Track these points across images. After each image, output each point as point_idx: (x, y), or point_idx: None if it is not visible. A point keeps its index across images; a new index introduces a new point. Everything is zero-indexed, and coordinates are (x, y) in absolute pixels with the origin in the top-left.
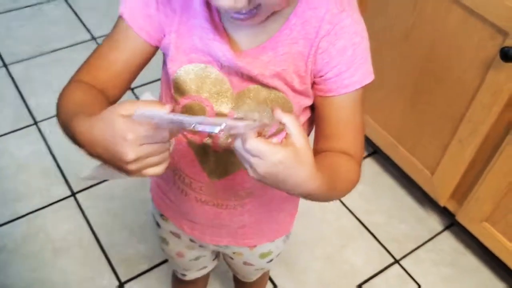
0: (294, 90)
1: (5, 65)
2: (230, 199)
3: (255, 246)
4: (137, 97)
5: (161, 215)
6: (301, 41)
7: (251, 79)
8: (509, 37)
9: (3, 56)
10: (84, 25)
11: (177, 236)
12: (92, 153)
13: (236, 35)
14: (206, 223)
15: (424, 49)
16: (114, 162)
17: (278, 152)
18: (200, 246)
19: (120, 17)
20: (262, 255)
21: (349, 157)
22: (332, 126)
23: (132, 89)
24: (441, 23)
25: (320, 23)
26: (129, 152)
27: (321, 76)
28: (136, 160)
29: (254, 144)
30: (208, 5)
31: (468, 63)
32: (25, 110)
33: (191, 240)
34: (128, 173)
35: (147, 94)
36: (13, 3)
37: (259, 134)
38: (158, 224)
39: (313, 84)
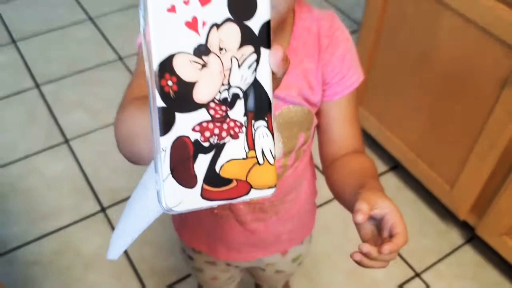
0: (311, 103)
1: (37, 86)
2: (267, 212)
3: (286, 251)
4: None
5: (193, 249)
6: (306, 59)
7: (280, 101)
8: None
9: (36, 77)
10: (111, 45)
11: (213, 263)
12: None
13: None
14: (244, 243)
15: (441, 68)
16: None
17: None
18: (236, 266)
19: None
20: (294, 259)
21: (362, 153)
22: (340, 126)
23: None
24: (457, 43)
25: (318, 40)
26: None
27: (327, 83)
28: None
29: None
30: None
31: (484, 82)
32: (56, 128)
33: (227, 264)
34: None
35: None
36: (43, 26)
37: None
38: (190, 257)
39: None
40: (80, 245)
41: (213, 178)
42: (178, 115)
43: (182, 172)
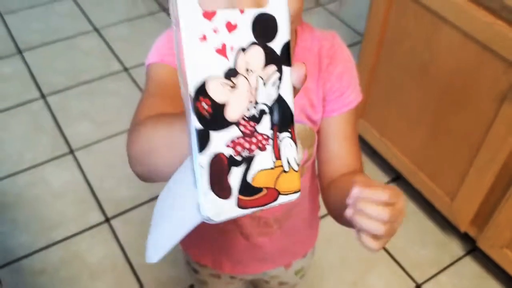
0: (312, 121)
1: (43, 96)
2: (271, 226)
3: (290, 264)
4: None
5: (198, 262)
6: (307, 79)
7: None
8: None
9: (41, 87)
10: (116, 56)
11: (217, 276)
12: None
13: None
14: (248, 256)
15: (441, 81)
16: None
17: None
18: (240, 279)
19: (154, 66)
20: (297, 272)
21: (361, 174)
22: (338, 144)
23: None
24: (456, 57)
25: (318, 59)
26: None
27: (325, 100)
28: None
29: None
30: None
31: (484, 96)
32: (62, 139)
33: (231, 277)
34: None
35: None
36: (49, 36)
37: None
38: (195, 270)
39: None
40: (85, 255)
41: (246, 188)
42: (212, 134)
43: (219, 186)
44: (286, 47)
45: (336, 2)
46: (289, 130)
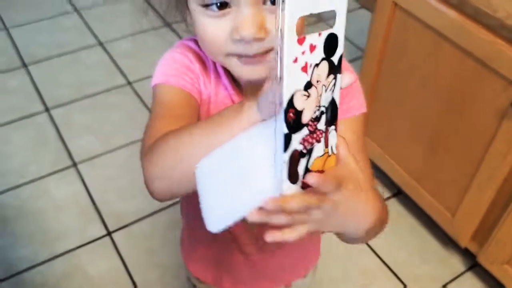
0: None
1: (47, 109)
2: (270, 244)
3: (290, 284)
4: None
5: (198, 278)
6: None
7: None
8: None
9: (46, 100)
10: (120, 70)
11: None
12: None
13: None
14: (248, 274)
15: (441, 98)
16: None
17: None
18: None
19: (160, 86)
20: None
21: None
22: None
23: None
24: (456, 73)
25: None
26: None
27: None
28: None
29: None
30: (234, 80)
31: (484, 112)
32: (65, 152)
33: None
34: None
35: None
36: (54, 50)
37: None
38: (194, 287)
39: None
40: (87, 268)
41: (307, 173)
42: (293, 136)
43: (293, 175)
44: (340, 59)
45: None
46: (335, 123)
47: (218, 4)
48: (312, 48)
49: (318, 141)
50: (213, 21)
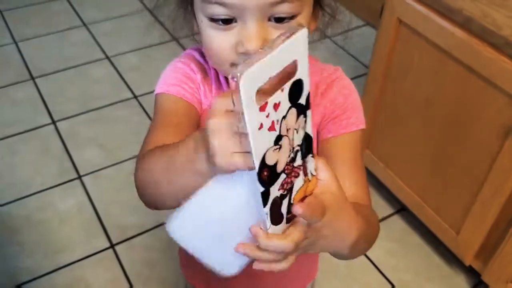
0: None
1: (53, 122)
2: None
3: None
4: None
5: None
6: None
7: None
8: None
9: (52, 113)
10: (126, 84)
11: None
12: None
13: None
14: (244, 286)
15: (445, 114)
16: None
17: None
18: None
19: (161, 96)
20: None
21: (367, 206)
22: (335, 167)
23: None
24: (460, 91)
25: (316, 86)
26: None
27: (320, 124)
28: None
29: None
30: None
31: (488, 130)
32: (70, 164)
33: None
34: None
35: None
36: (62, 63)
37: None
38: None
39: None
40: (90, 280)
41: (290, 208)
42: (270, 189)
43: (277, 219)
44: (308, 97)
45: (342, 34)
46: (311, 151)
47: (224, 20)
48: (277, 106)
49: (297, 177)
50: (219, 33)
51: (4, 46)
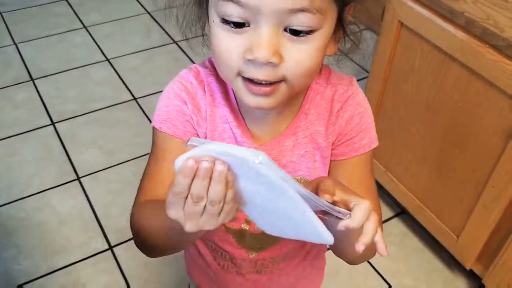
0: (315, 167)
1: (52, 123)
2: (268, 266)
3: None
4: None
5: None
6: (316, 122)
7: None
8: None
9: (51, 114)
10: (126, 86)
11: None
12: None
13: (258, 130)
14: None
15: (446, 117)
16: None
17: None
18: None
19: (157, 130)
20: None
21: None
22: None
23: None
24: (462, 93)
25: (331, 103)
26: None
27: (334, 144)
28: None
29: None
30: (233, 110)
31: (490, 132)
32: (69, 166)
33: None
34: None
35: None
36: (62, 65)
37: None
38: None
39: None
40: (87, 282)
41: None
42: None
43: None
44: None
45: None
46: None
47: (236, 23)
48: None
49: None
50: (228, 35)
51: (4, 47)
